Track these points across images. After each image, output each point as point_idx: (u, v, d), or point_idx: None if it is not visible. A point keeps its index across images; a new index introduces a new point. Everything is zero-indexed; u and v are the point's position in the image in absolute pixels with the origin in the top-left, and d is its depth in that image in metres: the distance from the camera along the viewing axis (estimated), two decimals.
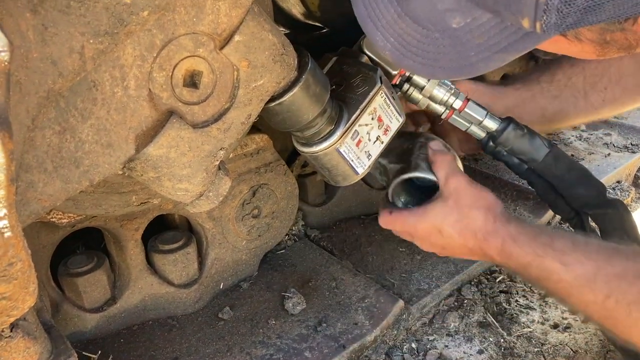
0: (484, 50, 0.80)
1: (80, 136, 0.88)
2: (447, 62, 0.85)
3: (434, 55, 0.85)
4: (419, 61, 0.87)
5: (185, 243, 1.50)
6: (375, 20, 0.88)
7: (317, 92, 1.12)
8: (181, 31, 0.92)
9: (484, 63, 0.83)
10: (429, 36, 0.83)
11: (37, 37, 0.72)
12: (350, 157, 1.17)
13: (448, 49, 0.83)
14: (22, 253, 0.72)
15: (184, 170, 1.01)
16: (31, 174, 0.85)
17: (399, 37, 0.87)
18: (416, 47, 0.86)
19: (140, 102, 0.92)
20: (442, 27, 0.80)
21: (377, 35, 0.89)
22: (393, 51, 0.89)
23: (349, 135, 1.15)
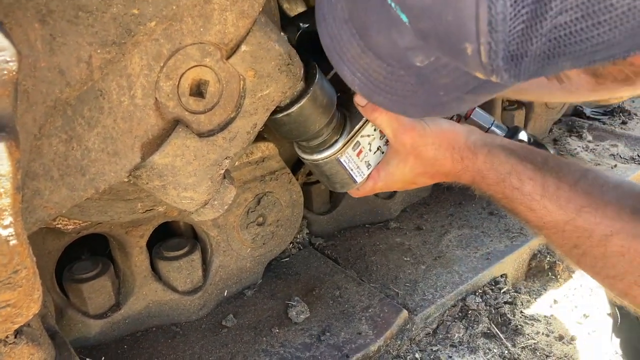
0: (453, 90, 0.75)
1: (87, 144, 0.88)
2: (417, 99, 0.80)
3: (402, 92, 0.80)
4: (389, 98, 0.82)
5: (189, 250, 1.50)
6: (341, 53, 0.83)
7: (324, 104, 1.13)
8: (188, 41, 0.93)
9: (456, 103, 0.78)
10: (394, 73, 0.78)
11: (45, 47, 0.73)
12: (350, 167, 1.18)
13: (416, 87, 0.78)
14: (27, 261, 0.73)
15: (190, 178, 1.01)
16: (37, 182, 0.85)
17: (365, 72, 0.82)
18: (384, 84, 0.81)
19: (146, 111, 0.93)
20: (405, 64, 0.75)
21: (344, 70, 0.85)
22: (362, 86, 0.84)
23: (351, 146, 1.16)
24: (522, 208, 1.03)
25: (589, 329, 1.62)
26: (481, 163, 1.07)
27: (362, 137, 1.17)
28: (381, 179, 1.19)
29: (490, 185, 1.07)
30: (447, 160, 1.10)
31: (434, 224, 1.95)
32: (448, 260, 1.74)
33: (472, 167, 1.09)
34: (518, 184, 1.03)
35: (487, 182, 1.07)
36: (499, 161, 1.06)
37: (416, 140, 1.11)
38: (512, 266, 1.78)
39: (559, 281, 1.82)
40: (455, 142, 1.10)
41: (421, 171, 1.14)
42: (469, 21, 0.60)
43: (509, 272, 1.77)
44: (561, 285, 1.81)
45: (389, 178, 1.19)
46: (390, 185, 1.21)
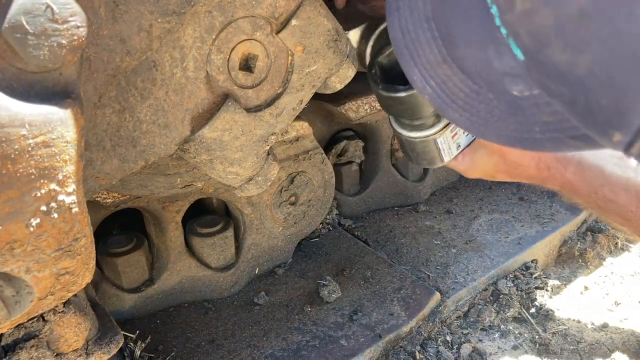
0: (554, 131, 0.63)
1: (139, 116, 0.88)
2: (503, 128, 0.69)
3: (485, 116, 0.69)
4: (466, 117, 0.71)
5: (223, 227, 1.51)
6: (414, 54, 0.72)
7: None
8: (240, 14, 0.92)
9: (553, 144, 0.66)
10: (480, 93, 0.67)
11: (108, 14, 0.72)
12: (443, 147, 1.18)
13: (505, 115, 0.67)
14: (86, 229, 0.73)
15: (236, 154, 1.01)
16: (90, 152, 0.86)
17: (442, 84, 0.71)
18: (463, 101, 0.70)
19: (197, 84, 0.92)
20: (498, 89, 0.64)
21: (414, 74, 0.73)
22: (434, 97, 0.73)
23: (449, 128, 1.15)
24: (617, 218, 1.04)
25: (621, 317, 1.61)
26: (571, 174, 1.07)
27: None
28: (465, 163, 1.19)
29: (582, 196, 1.07)
30: (532, 167, 1.10)
31: (464, 208, 1.93)
32: (479, 245, 1.73)
33: (560, 177, 1.08)
34: (612, 196, 1.03)
35: (578, 193, 1.07)
36: (590, 174, 1.05)
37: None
38: (543, 252, 1.77)
39: (589, 268, 1.81)
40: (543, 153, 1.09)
41: (503, 170, 1.14)
42: (633, 115, 0.51)
43: (539, 257, 1.76)
44: (591, 272, 1.80)
45: (471, 166, 1.19)
46: (470, 172, 1.21)
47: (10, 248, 0.65)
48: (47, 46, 0.60)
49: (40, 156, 0.63)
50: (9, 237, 0.64)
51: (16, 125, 0.60)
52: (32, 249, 0.67)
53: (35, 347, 0.89)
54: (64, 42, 0.61)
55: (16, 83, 0.61)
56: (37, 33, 0.59)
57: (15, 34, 0.58)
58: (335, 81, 1.08)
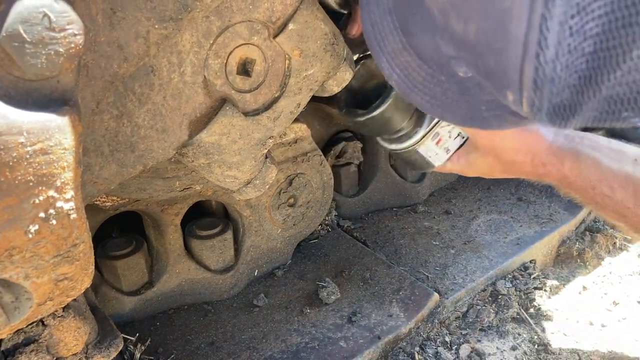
0: (496, 108, 0.72)
1: (137, 121, 0.89)
2: (456, 109, 0.77)
3: (441, 98, 0.77)
4: (427, 100, 0.80)
5: (222, 229, 1.51)
6: (382, 44, 0.80)
7: (405, 106, 1.15)
8: (237, 18, 0.92)
9: (498, 121, 0.75)
10: (434, 77, 0.75)
11: (106, 21, 0.72)
12: (429, 154, 1.20)
13: (456, 95, 0.75)
14: (85, 235, 0.73)
15: (234, 157, 1.01)
16: (88, 157, 0.86)
17: (404, 70, 0.79)
18: (422, 85, 0.78)
19: (195, 89, 0.93)
20: (447, 72, 0.72)
21: (383, 62, 0.82)
22: (400, 83, 0.81)
23: (430, 137, 1.18)
24: (613, 214, 1.03)
25: (619, 316, 1.61)
26: (567, 170, 1.06)
27: (441, 128, 1.19)
28: (459, 164, 1.20)
29: (579, 192, 1.07)
30: (527, 164, 1.10)
31: (463, 209, 1.94)
32: (477, 245, 1.73)
33: (556, 173, 1.08)
34: (609, 192, 1.02)
35: (575, 189, 1.07)
36: (587, 169, 1.04)
37: (495, 143, 1.11)
38: (542, 252, 1.78)
39: (587, 268, 1.81)
40: (536, 148, 1.08)
41: (499, 169, 1.15)
42: (513, 72, 0.58)
43: (538, 257, 1.76)
44: (590, 272, 1.80)
45: (466, 167, 1.20)
46: (466, 172, 1.22)
47: (9, 255, 0.65)
48: (45, 54, 0.61)
49: (39, 163, 0.64)
50: (7, 244, 0.64)
51: (14, 133, 0.61)
52: (30, 255, 0.67)
53: (34, 351, 0.90)
54: (61, 50, 0.62)
55: (14, 91, 0.62)
56: (35, 41, 0.60)
57: (12, 43, 0.59)
58: (332, 84, 1.09)
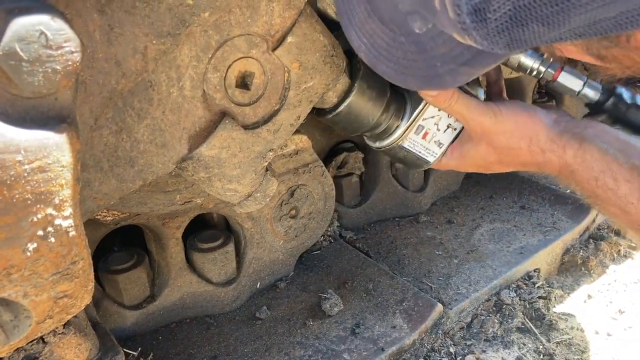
0: (449, 62, 0.74)
1: (136, 136, 0.89)
2: (416, 70, 0.79)
3: (403, 62, 0.80)
4: (391, 67, 0.82)
5: (224, 242, 1.50)
6: (350, 16, 0.84)
7: (373, 96, 1.12)
8: (236, 32, 0.92)
9: (452, 76, 0.77)
10: (395, 40, 0.78)
11: (103, 38, 0.72)
12: (418, 149, 1.16)
13: (415, 55, 0.77)
14: (84, 252, 0.73)
15: (234, 170, 1.01)
16: (88, 173, 0.86)
17: (370, 38, 0.82)
18: (386, 52, 0.81)
19: (194, 103, 0.93)
20: (405, 30, 0.75)
21: (352, 34, 0.86)
22: (367, 53, 0.85)
23: (412, 131, 1.14)
24: (615, 210, 0.98)
25: (625, 325, 1.59)
26: (570, 158, 1.01)
27: (424, 120, 1.15)
28: (454, 158, 1.17)
29: (580, 182, 1.02)
30: (523, 150, 1.05)
31: (465, 218, 1.93)
32: (481, 255, 1.73)
33: (557, 161, 1.03)
34: (613, 185, 0.97)
35: (577, 179, 1.02)
36: (591, 158, 0.99)
37: (487, 127, 1.06)
38: (546, 260, 1.77)
39: (592, 276, 1.80)
40: (533, 132, 1.04)
41: (495, 159, 1.10)
42: None
43: (542, 266, 1.75)
44: (594, 280, 1.79)
45: (461, 160, 1.16)
46: (462, 167, 1.18)
47: (8, 273, 0.65)
48: (42, 72, 0.61)
49: (37, 181, 0.63)
50: (6, 263, 0.64)
51: (12, 152, 0.61)
52: (29, 273, 0.67)
53: None
54: (59, 67, 0.62)
55: (11, 109, 0.62)
56: (32, 59, 0.60)
57: (9, 61, 0.59)
58: (332, 96, 1.09)
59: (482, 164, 1.14)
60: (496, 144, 1.07)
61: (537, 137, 1.04)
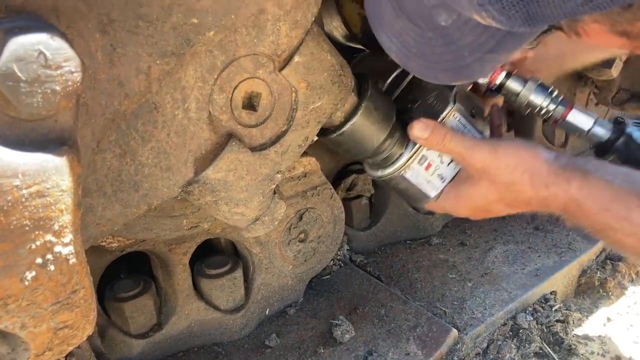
0: (476, 50, 0.76)
1: (140, 159, 0.86)
2: (445, 64, 0.82)
3: (432, 57, 0.82)
4: (421, 63, 0.85)
5: (232, 268, 1.47)
6: (380, 18, 0.86)
7: (379, 119, 1.09)
8: (242, 52, 0.91)
9: (479, 65, 0.79)
10: (423, 35, 0.80)
11: (105, 58, 0.70)
12: (419, 181, 1.12)
13: (443, 49, 0.80)
14: (85, 280, 0.70)
15: (242, 194, 0.98)
16: (90, 198, 0.83)
17: (399, 37, 0.84)
18: (415, 48, 0.83)
19: (200, 125, 0.90)
20: (432, 25, 0.77)
21: (382, 35, 0.87)
22: (398, 52, 0.86)
23: (416, 161, 1.11)
24: (631, 240, 0.93)
25: None
26: (576, 190, 0.97)
27: (428, 151, 1.12)
28: (449, 199, 1.12)
29: (590, 215, 0.97)
30: (526, 185, 1.00)
31: (478, 240, 1.89)
32: (495, 277, 1.68)
33: (562, 195, 0.98)
34: (625, 213, 0.92)
35: (585, 212, 0.97)
36: (598, 188, 0.95)
37: (487, 162, 1.03)
38: (562, 283, 1.72)
39: (610, 298, 1.74)
40: (535, 166, 1.00)
41: (495, 198, 1.05)
42: None
43: (558, 289, 1.70)
44: (613, 302, 1.73)
45: (457, 201, 1.11)
46: (459, 209, 1.12)
47: (4, 304, 0.62)
48: (41, 93, 0.59)
49: (35, 207, 0.61)
50: (2, 293, 0.61)
51: (9, 176, 0.58)
52: (27, 303, 0.64)
53: None
54: (58, 88, 0.59)
55: (9, 132, 0.59)
56: (30, 80, 0.57)
57: (7, 82, 0.56)
58: (340, 116, 1.06)
59: (481, 204, 1.08)
60: (497, 180, 1.03)
61: (539, 171, 1.00)
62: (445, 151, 1.07)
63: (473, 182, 1.07)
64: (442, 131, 1.05)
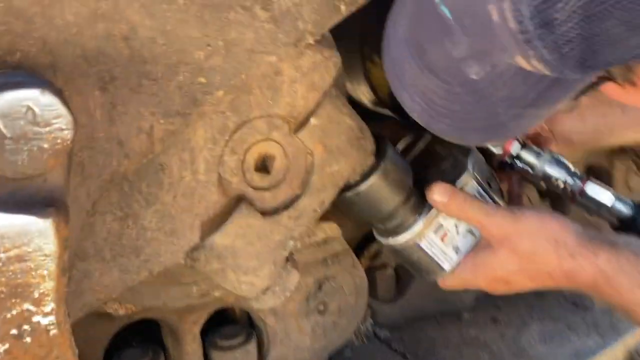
0: (512, 106, 0.69)
1: (143, 223, 0.82)
2: (476, 122, 0.74)
3: (461, 115, 0.75)
4: (447, 123, 0.77)
5: (245, 340, 1.38)
6: (401, 76, 0.79)
7: (396, 181, 1.04)
8: (256, 114, 0.88)
9: (516, 122, 0.71)
10: (451, 92, 0.73)
11: (105, 116, 0.68)
12: (434, 252, 1.05)
13: (473, 106, 0.72)
14: (67, 354, 0.64)
15: (251, 262, 0.92)
16: (88, 263, 0.79)
17: (423, 96, 0.77)
18: (442, 107, 0.75)
19: (209, 187, 0.87)
20: (461, 79, 0.70)
21: (403, 95, 0.80)
22: (421, 113, 0.79)
23: (432, 229, 1.04)
24: None
25: None
26: (604, 262, 0.88)
27: (445, 219, 1.04)
28: (467, 269, 1.03)
29: (620, 292, 0.88)
30: (551, 255, 0.92)
31: (512, 316, 1.76)
32: (531, 358, 1.55)
33: (590, 267, 0.89)
34: None
35: (616, 288, 0.88)
36: (628, 262, 0.87)
37: (507, 229, 0.95)
38: None
39: None
40: (560, 234, 0.92)
41: (516, 268, 0.96)
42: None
43: None
44: None
45: (475, 271, 1.02)
46: (477, 280, 1.03)
47: None
48: (27, 150, 0.55)
49: (13, 272, 0.56)
50: None
51: None
52: None
53: None
54: (46, 146, 0.56)
55: None
56: (15, 137, 0.54)
57: None
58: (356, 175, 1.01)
59: (501, 274, 0.99)
60: (519, 248, 0.95)
61: (565, 240, 0.92)
62: (464, 218, 1.00)
63: (492, 251, 0.98)
64: (462, 196, 1.00)
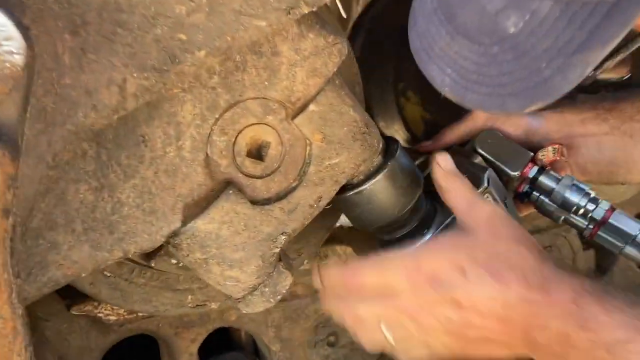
0: (557, 56, 0.62)
1: (120, 197, 0.77)
2: (515, 84, 0.68)
3: (498, 79, 0.69)
4: (483, 92, 0.71)
5: None
6: (429, 49, 0.75)
7: (404, 185, 0.96)
8: (250, 94, 0.83)
9: (562, 75, 0.63)
10: (486, 53, 0.68)
11: (74, 62, 0.64)
12: None
13: (512, 65, 0.67)
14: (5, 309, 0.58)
15: (237, 253, 0.85)
16: (56, 233, 0.74)
17: (455, 64, 0.72)
18: (476, 73, 0.71)
19: (194, 167, 0.81)
20: (498, 36, 0.66)
21: (433, 69, 0.75)
22: (453, 85, 0.74)
23: None
24: None
25: None
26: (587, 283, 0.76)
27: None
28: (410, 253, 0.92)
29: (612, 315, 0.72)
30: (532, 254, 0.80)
31: None
32: None
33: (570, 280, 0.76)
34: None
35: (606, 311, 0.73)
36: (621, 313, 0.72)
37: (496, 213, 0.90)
38: None
39: None
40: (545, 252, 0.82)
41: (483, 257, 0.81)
42: None
43: None
44: None
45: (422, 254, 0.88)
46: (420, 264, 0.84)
47: None
48: None
49: None
50: None
51: None
52: None
53: None
54: None
55: None
56: None
57: None
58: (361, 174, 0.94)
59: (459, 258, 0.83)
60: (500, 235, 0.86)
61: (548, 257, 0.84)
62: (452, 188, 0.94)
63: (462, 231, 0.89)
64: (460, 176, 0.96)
